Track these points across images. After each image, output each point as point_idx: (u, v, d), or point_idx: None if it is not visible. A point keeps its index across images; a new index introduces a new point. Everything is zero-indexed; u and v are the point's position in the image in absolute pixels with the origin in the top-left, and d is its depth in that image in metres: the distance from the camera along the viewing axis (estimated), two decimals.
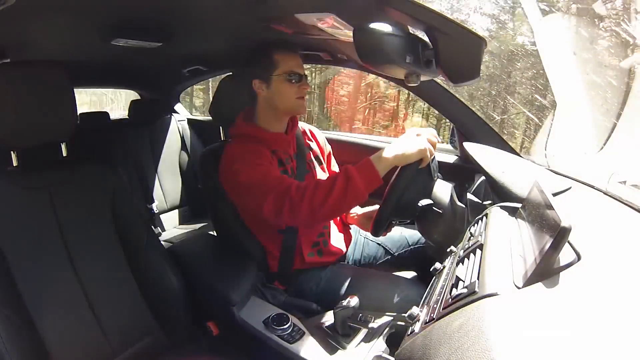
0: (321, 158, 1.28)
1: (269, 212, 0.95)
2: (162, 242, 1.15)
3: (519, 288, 0.47)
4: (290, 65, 1.08)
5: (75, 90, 0.98)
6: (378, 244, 1.30)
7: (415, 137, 0.92)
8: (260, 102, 1.13)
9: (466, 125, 1.35)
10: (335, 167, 1.36)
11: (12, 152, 1.01)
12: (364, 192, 0.89)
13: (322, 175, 1.25)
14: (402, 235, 1.31)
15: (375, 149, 0.94)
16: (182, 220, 2.21)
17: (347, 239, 1.26)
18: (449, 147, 1.57)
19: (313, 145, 1.28)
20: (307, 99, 1.18)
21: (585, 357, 0.35)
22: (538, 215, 0.56)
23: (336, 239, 1.21)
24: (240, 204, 1.11)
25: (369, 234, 1.31)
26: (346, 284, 1.10)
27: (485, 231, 0.67)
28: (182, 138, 2.25)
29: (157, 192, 2.11)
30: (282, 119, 1.15)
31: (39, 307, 0.87)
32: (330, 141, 1.41)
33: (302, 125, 1.30)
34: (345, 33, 0.98)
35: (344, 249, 1.23)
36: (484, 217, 0.76)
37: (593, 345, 0.36)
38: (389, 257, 1.27)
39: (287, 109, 1.12)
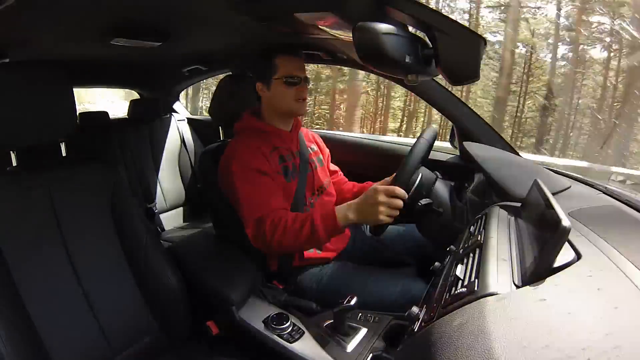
0: (322, 159, 1.33)
1: (251, 237, 1.05)
2: (162, 242, 1.15)
3: (518, 287, 0.47)
4: (289, 69, 1.12)
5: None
6: (377, 239, 1.31)
7: (375, 204, 0.91)
8: (264, 104, 1.19)
9: (466, 125, 1.35)
10: (333, 167, 1.41)
11: (11, 152, 1.01)
12: (325, 240, 1.00)
13: (322, 175, 1.28)
14: (401, 231, 1.31)
15: (374, 148, 0.95)
16: (182, 220, 2.21)
17: (346, 235, 1.27)
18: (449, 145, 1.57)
19: (314, 147, 1.33)
20: None
21: (584, 356, 0.35)
22: (538, 214, 0.56)
23: None
24: (232, 204, 1.14)
25: (367, 230, 1.32)
26: (346, 281, 1.11)
27: (485, 230, 0.67)
28: (182, 138, 2.24)
29: (156, 191, 2.11)
30: (285, 119, 1.20)
31: (39, 307, 0.87)
32: (330, 140, 1.42)
33: (305, 130, 1.34)
34: (345, 32, 0.98)
35: (343, 245, 1.25)
36: (484, 216, 0.77)
37: (592, 344, 0.36)
38: (388, 253, 1.28)
39: (287, 110, 1.17)
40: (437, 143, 1.13)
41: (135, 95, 2.36)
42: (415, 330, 0.59)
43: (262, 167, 1.07)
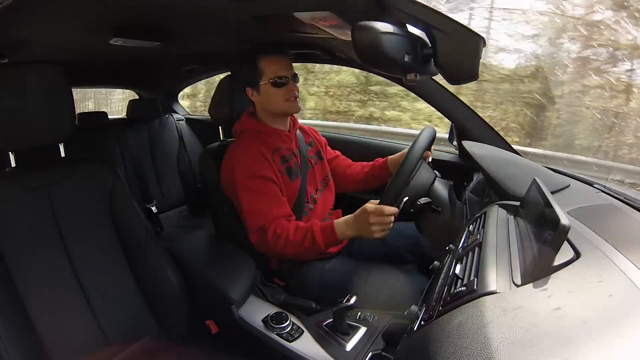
0: (321, 153, 1.33)
1: (254, 243, 1.10)
2: (161, 242, 1.15)
3: (517, 286, 0.47)
4: (274, 70, 1.12)
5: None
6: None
7: (368, 224, 0.95)
8: (257, 107, 1.20)
9: (465, 124, 1.35)
10: (332, 153, 1.42)
11: (10, 152, 1.01)
12: (324, 250, 1.06)
13: (323, 170, 1.29)
14: (401, 228, 1.32)
15: (375, 149, 0.95)
16: (181, 220, 2.21)
17: None
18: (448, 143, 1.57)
19: (312, 142, 1.33)
20: None
21: (583, 355, 0.35)
22: (537, 213, 0.56)
23: None
24: (236, 209, 1.15)
25: None
26: (347, 277, 1.11)
27: (484, 229, 0.67)
28: (181, 137, 2.24)
29: (155, 191, 2.11)
30: (281, 119, 1.20)
31: (39, 307, 0.87)
32: (332, 140, 1.42)
33: (301, 124, 1.34)
34: (344, 32, 0.98)
35: (344, 242, 1.25)
36: (483, 215, 0.77)
37: (591, 343, 0.36)
38: (388, 250, 1.28)
39: (280, 111, 1.17)
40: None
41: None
42: (415, 329, 0.59)
43: (265, 173, 1.08)
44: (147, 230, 1.06)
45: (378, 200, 0.95)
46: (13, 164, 1.00)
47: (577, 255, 0.49)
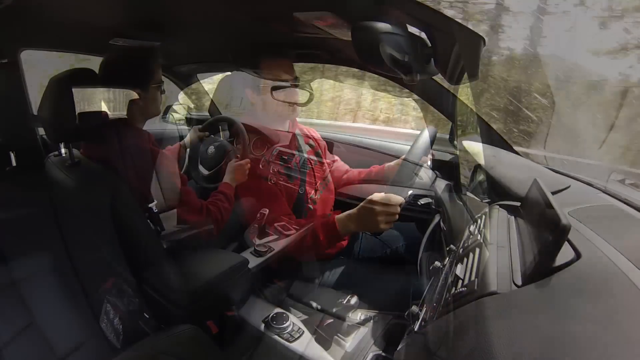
0: (321, 154, 1.34)
1: (254, 240, 1.09)
2: (162, 242, 1.15)
3: (518, 287, 0.47)
4: (276, 73, 1.12)
5: None
6: (377, 237, 1.31)
7: (374, 214, 0.94)
8: (257, 109, 1.19)
9: (465, 124, 1.35)
10: (331, 157, 1.42)
11: (11, 152, 1.01)
12: (327, 248, 1.05)
13: (322, 171, 1.30)
14: (401, 229, 1.32)
15: (376, 149, 0.95)
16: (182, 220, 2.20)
17: None
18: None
19: (312, 143, 1.34)
20: None
21: (584, 355, 0.35)
22: (537, 213, 0.56)
23: None
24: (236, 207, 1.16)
25: None
26: (347, 278, 1.12)
27: (485, 230, 0.67)
28: (181, 137, 2.24)
29: (156, 191, 2.10)
30: (280, 121, 1.18)
31: (39, 307, 0.87)
32: (331, 141, 1.43)
33: (301, 126, 1.34)
34: (344, 32, 0.98)
35: (344, 242, 1.25)
36: (483, 216, 0.76)
37: (591, 344, 0.36)
38: (388, 250, 1.28)
39: (279, 116, 1.17)
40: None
41: None
42: (416, 329, 0.59)
43: (264, 173, 1.08)
44: (148, 231, 1.06)
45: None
46: (14, 164, 1.00)
47: (578, 255, 0.49)
